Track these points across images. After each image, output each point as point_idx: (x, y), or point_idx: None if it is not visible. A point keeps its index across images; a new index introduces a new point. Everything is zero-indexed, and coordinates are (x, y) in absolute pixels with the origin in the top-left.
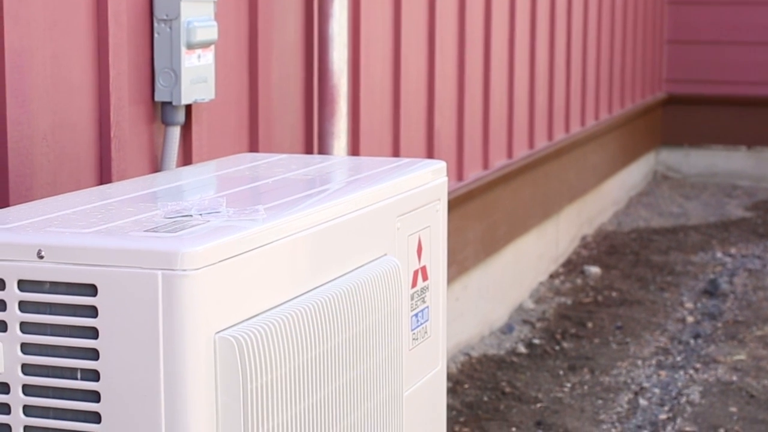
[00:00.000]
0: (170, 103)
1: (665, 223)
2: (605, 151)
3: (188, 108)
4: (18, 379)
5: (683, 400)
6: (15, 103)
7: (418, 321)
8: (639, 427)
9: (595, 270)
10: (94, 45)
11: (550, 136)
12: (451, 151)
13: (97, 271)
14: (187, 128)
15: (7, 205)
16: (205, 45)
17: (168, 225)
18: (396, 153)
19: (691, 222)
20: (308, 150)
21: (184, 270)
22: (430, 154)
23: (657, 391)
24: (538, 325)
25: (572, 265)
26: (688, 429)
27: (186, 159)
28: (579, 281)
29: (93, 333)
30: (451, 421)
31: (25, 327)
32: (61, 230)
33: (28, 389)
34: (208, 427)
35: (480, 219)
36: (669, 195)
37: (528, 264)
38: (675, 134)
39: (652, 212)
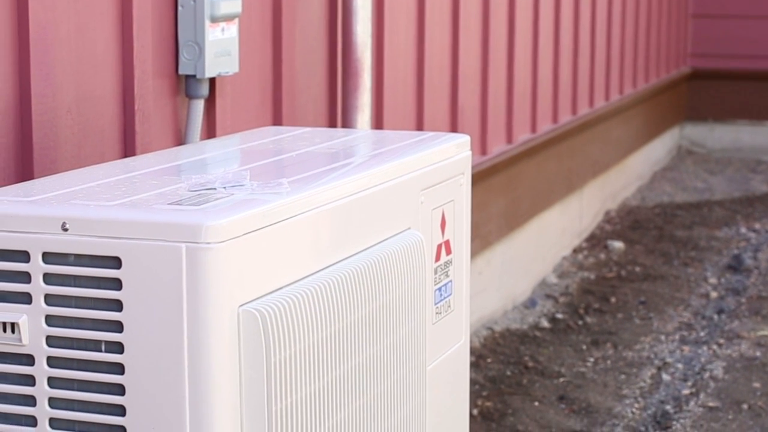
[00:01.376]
0: (194, 76)
1: (689, 198)
2: (629, 125)
3: (212, 81)
4: (43, 351)
5: (706, 375)
6: (39, 76)
7: (441, 295)
8: (662, 402)
9: (618, 245)
10: (118, 18)
11: (574, 111)
12: (474, 125)
13: (121, 243)
14: (210, 101)
15: (32, 178)
16: (228, 18)
17: (192, 198)
18: (420, 127)
19: (715, 197)
20: (332, 123)
21: (208, 243)
22: (453, 127)
23: (680, 366)
24: (562, 299)
25: (596, 240)
26: (711, 404)
27: (210, 132)
28: (602, 256)
29: (117, 305)
30: (474, 395)
31: (49, 299)
32: (86, 203)
33: (52, 361)
34: (231, 400)
35: (503, 193)
36: (693, 170)
37: (551, 238)
38: (699, 109)
39: (676, 187)
